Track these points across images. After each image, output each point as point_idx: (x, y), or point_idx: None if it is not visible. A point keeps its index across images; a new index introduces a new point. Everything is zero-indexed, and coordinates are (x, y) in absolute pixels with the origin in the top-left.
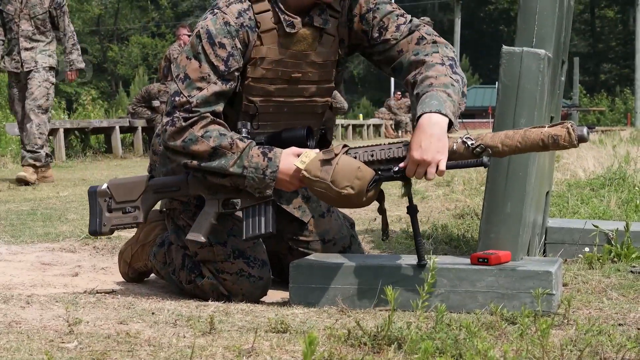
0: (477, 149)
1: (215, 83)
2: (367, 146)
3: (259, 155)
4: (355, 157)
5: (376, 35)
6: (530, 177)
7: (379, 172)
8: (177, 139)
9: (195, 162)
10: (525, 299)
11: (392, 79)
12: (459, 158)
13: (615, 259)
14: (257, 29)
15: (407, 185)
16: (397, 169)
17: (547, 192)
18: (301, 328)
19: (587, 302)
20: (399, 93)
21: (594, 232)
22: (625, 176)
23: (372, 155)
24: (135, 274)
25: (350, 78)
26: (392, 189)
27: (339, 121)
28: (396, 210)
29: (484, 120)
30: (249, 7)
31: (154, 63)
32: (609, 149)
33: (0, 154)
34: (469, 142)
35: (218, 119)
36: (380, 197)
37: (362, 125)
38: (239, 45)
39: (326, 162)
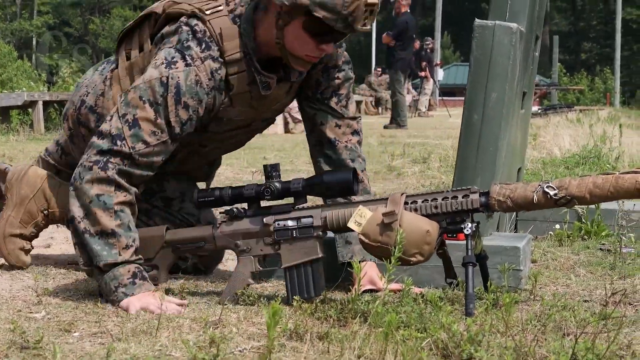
0: (562, 200)
1: (164, 142)
2: (428, 193)
3: (129, 272)
4: (416, 210)
5: (327, 94)
6: (500, 152)
7: (446, 227)
8: (94, 188)
9: (83, 224)
10: (493, 274)
11: (374, 56)
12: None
13: (585, 237)
14: (229, 91)
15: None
16: (469, 231)
17: (519, 169)
18: (269, 301)
19: (554, 279)
20: (378, 69)
21: (564, 209)
22: (600, 155)
23: (435, 207)
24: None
25: None
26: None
27: None
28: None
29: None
30: (221, 67)
31: None
32: (586, 127)
33: None
34: (552, 193)
35: (137, 203)
36: (441, 242)
37: None
38: (201, 112)
39: (387, 225)
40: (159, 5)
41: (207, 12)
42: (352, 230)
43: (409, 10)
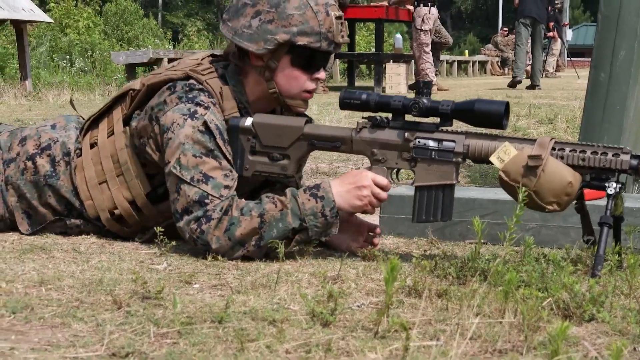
0: None
1: (234, 179)
2: (577, 144)
3: (309, 200)
4: (562, 158)
5: None
6: (628, 112)
7: (589, 182)
8: (218, 232)
9: (252, 245)
10: None
11: (500, 15)
12: None
13: None
14: None
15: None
16: (613, 191)
17: None
18: (388, 257)
19: None
20: (505, 29)
21: None
22: None
23: (582, 160)
24: None
25: (457, 14)
26: None
27: (444, 57)
28: None
29: None
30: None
31: None
32: None
33: (105, 83)
34: None
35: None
36: (579, 195)
37: (467, 62)
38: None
39: (531, 168)
40: (136, 82)
41: (204, 73)
42: (492, 164)
43: None
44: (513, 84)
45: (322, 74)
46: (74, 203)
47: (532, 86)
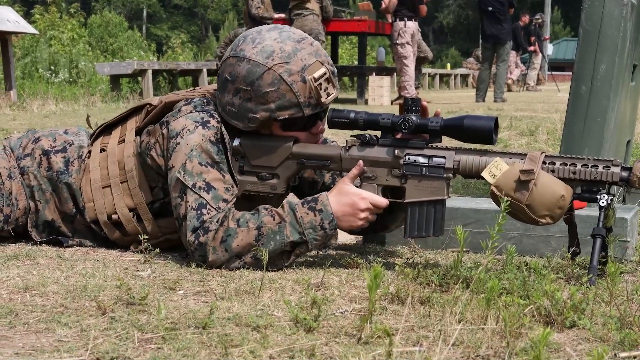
0: None
1: (234, 195)
2: (567, 157)
3: (307, 213)
4: (553, 172)
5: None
6: (608, 124)
7: (580, 194)
8: (215, 243)
9: (249, 257)
10: None
11: (480, 30)
12: None
13: None
14: None
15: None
16: (605, 203)
17: (629, 141)
18: (371, 265)
19: None
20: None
21: None
22: None
23: (573, 173)
24: None
25: (439, 28)
26: None
27: (426, 70)
28: None
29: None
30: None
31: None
32: None
33: (90, 94)
34: None
35: None
36: (569, 207)
37: (449, 75)
38: None
39: (523, 183)
40: (154, 99)
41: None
42: (484, 179)
43: None
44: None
45: (319, 127)
46: (79, 203)
47: (496, 101)
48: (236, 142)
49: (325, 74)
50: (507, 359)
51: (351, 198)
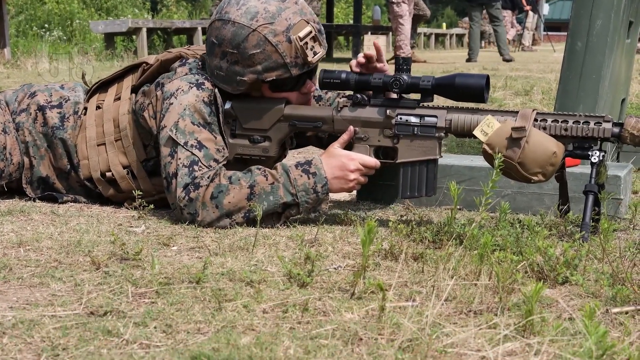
0: None
1: (224, 156)
2: (559, 114)
3: (301, 176)
4: (545, 129)
5: None
6: (603, 81)
7: (572, 151)
8: (205, 199)
9: (240, 217)
10: None
11: None
12: None
13: None
14: None
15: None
16: (597, 160)
17: (623, 100)
18: (365, 221)
19: None
20: None
21: None
22: None
23: (565, 130)
24: None
25: None
26: None
27: (421, 30)
28: None
29: None
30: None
31: None
32: None
33: (84, 51)
34: None
35: None
36: (561, 165)
37: (444, 35)
38: None
39: (515, 140)
40: (150, 57)
41: None
42: (476, 138)
43: None
44: (468, 61)
45: (309, 87)
46: (74, 160)
47: (506, 60)
48: (227, 105)
49: (310, 32)
50: (499, 314)
51: (340, 159)
